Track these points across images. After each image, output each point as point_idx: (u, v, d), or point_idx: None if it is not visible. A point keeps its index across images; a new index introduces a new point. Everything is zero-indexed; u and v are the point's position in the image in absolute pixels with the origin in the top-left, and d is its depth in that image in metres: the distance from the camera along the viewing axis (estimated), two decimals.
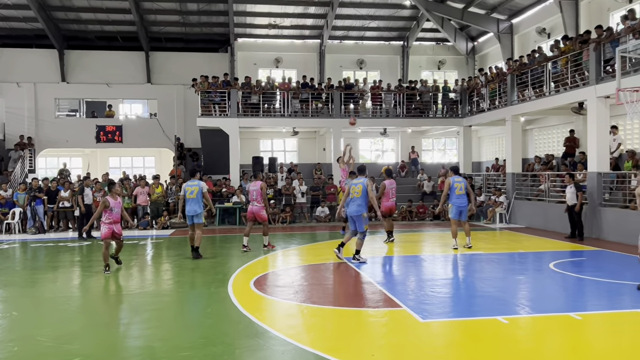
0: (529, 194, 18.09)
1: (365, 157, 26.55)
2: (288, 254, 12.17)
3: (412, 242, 14.11)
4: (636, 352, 5.24)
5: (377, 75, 26.05)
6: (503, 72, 19.97)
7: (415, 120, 22.72)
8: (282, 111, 21.42)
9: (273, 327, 6.12)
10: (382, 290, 7.93)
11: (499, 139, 23.70)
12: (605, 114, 14.13)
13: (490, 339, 5.69)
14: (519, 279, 9.07)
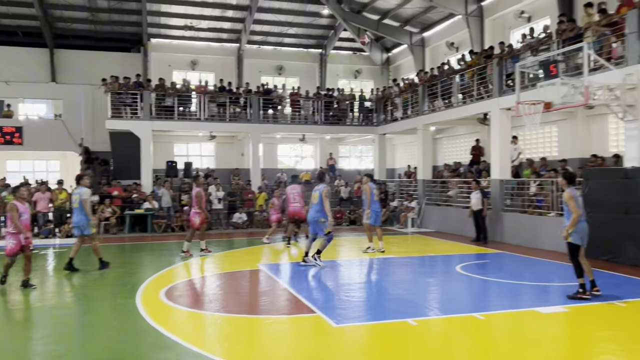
0: (439, 199, 18.94)
1: (284, 162, 26.56)
2: (203, 261, 11.85)
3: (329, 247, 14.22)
4: (533, 348, 5.61)
5: (296, 81, 26.20)
6: (415, 83, 20.81)
7: (333, 127, 23.08)
8: (198, 115, 20.90)
9: (184, 338, 5.91)
10: (297, 297, 7.92)
11: (411, 147, 24.63)
12: (507, 124, 15.12)
13: (400, 341, 5.85)
14: (428, 282, 9.43)
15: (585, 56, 10.33)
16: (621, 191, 10.64)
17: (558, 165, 14.17)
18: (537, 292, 8.50)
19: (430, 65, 22.30)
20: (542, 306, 7.22)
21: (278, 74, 26.35)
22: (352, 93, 24.18)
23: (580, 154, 15.04)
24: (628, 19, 10.83)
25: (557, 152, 16.21)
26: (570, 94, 10.38)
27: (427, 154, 19.65)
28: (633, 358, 5.28)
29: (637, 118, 10.70)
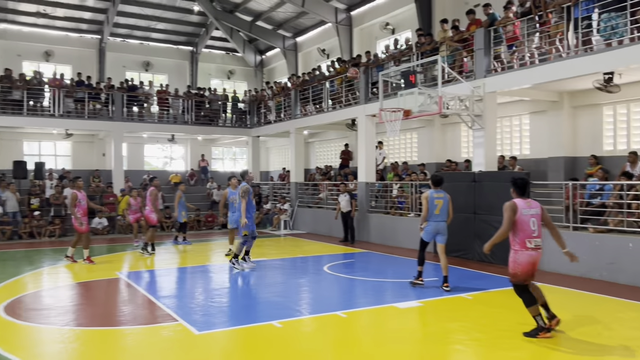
0: (310, 201, 19.32)
1: (151, 164, 25.29)
2: (55, 271, 10.79)
3: (199, 252, 13.81)
4: (390, 341, 5.87)
5: (165, 79, 25.14)
6: (287, 86, 21.03)
7: (205, 128, 22.47)
8: (52, 110, 19.05)
9: (24, 357, 5.27)
10: (159, 305, 7.51)
11: (285, 150, 24.87)
12: (372, 130, 15.87)
13: (264, 345, 5.79)
14: (297, 283, 9.52)
15: (440, 68, 11.19)
16: (470, 193, 11.67)
17: (418, 169, 15.20)
18: (396, 289, 8.98)
19: (303, 70, 22.72)
20: (400, 302, 7.62)
21: (145, 70, 25.08)
22: (224, 93, 23.76)
23: (437, 159, 16.29)
24: (476, 37, 11.95)
25: (417, 157, 17.40)
26: (427, 103, 11.16)
27: (300, 157, 19.95)
28: (479, 346, 5.76)
29: (483, 127, 11.83)
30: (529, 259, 5.79)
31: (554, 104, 12.90)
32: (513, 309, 7.41)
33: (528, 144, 14.13)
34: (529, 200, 6.04)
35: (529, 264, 5.78)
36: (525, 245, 5.78)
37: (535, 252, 5.81)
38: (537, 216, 5.90)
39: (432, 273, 10.41)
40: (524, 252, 5.79)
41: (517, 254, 5.82)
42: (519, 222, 5.79)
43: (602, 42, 9.85)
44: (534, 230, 5.81)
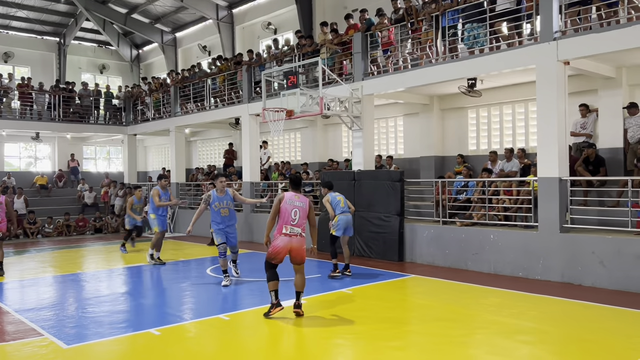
0: (193, 203, 18.74)
1: (12, 164, 22.90)
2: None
3: (69, 260, 12.76)
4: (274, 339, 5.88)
5: (28, 71, 22.93)
6: (167, 83, 20.23)
7: (75, 126, 20.83)
8: None
9: None
10: (21, 319, 6.83)
11: (165, 149, 23.88)
12: (256, 130, 15.82)
13: (142, 354, 5.50)
14: (178, 287, 9.17)
15: (320, 70, 11.46)
16: (351, 191, 12.09)
17: (301, 169, 15.42)
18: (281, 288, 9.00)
19: (183, 66, 22.01)
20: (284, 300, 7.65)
21: (4, 61, 22.65)
22: (97, 89, 22.22)
23: (319, 158, 16.68)
24: (354, 40, 12.41)
25: (300, 157, 17.66)
26: (309, 104, 11.37)
27: (181, 157, 19.29)
28: (357, 339, 5.97)
29: (362, 128, 12.32)
30: (283, 242, 6.64)
31: (425, 107, 13.82)
32: (389, 302, 7.82)
33: (402, 144, 14.99)
34: (299, 194, 6.91)
35: (282, 247, 6.63)
36: (282, 230, 6.65)
37: (288, 238, 6.64)
38: (301, 209, 6.75)
39: (315, 270, 10.64)
40: (280, 236, 6.65)
41: (275, 237, 6.73)
42: (282, 210, 6.68)
43: (466, 50, 10.75)
44: (293, 219, 6.67)
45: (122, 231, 18.62)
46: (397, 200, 11.19)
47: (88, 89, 21.78)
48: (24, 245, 15.46)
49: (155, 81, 21.29)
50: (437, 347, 5.56)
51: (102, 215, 19.52)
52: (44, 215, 18.21)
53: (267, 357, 5.46)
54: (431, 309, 7.24)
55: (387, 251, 11.27)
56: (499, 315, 6.79)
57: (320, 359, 5.33)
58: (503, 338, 5.84)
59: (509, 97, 12.44)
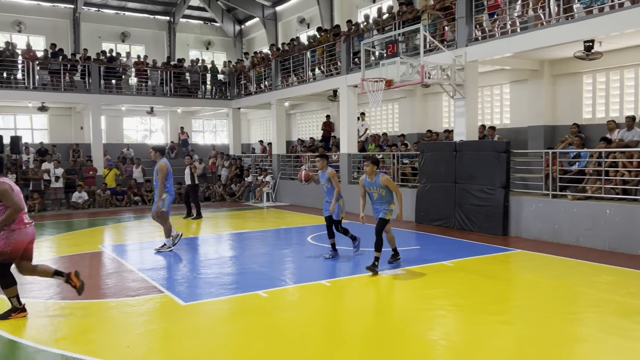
0: (293, 174, 19.30)
1: (130, 137, 24.91)
2: (36, 246, 10.64)
3: (183, 225, 13.76)
4: (373, 308, 5.99)
5: (142, 50, 24.58)
6: (268, 57, 20.74)
7: (184, 100, 22.12)
8: (25, 83, 18.54)
9: (9, 331, 5.25)
10: (145, 278, 7.52)
11: (266, 122, 24.68)
12: (354, 101, 15.81)
13: (250, 314, 5.85)
14: (281, 254, 9.58)
15: (422, 37, 11.13)
16: (451, 163, 11.78)
17: (398, 140, 15.24)
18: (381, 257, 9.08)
19: (283, 40, 22.39)
20: (382, 270, 7.73)
21: (122, 40, 24.44)
22: (204, 65, 23.34)
23: (417, 129, 16.35)
24: (458, 5, 11.86)
25: (398, 128, 17.43)
26: (409, 73, 11.12)
27: (281, 129, 19.83)
28: (460, 312, 5.90)
29: (464, 97, 11.87)
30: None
31: (535, 73, 12.97)
32: (493, 276, 7.60)
33: (508, 113, 14.24)
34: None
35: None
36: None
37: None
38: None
39: (414, 242, 10.59)
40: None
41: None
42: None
43: (583, 9, 9.88)
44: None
45: (228, 200, 19.71)
46: (502, 172, 10.72)
47: (196, 65, 22.94)
48: (142, 211, 16.87)
49: (257, 55, 21.91)
50: (546, 322, 5.34)
51: (210, 184, 20.72)
52: None
53: (368, 323, 5.57)
54: (538, 284, 6.94)
55: (490, 225, 10.90)
56: (614, 294, 6.36)
57: (423, 329, 5.34)
58: (619, 318, 5.47)
59: (631, 60, 11.30)
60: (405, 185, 13.82)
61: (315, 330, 5.34)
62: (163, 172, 9.23)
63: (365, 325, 5.47)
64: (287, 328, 5.40)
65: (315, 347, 4.82)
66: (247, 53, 24.31)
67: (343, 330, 5.35)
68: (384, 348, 4.73)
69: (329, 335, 5.21)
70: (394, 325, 5.51)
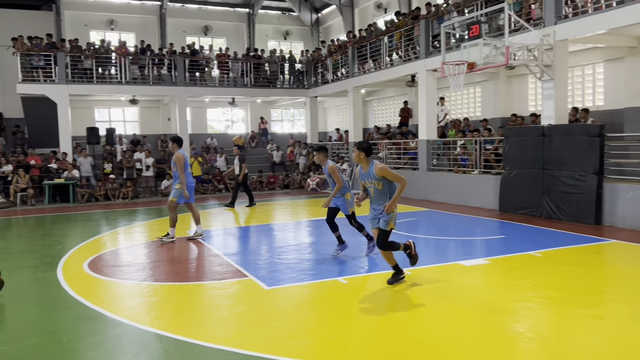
0: None
1: (213, 127, 25.91)
2: (130, 231, 11.43)
3: (263, 212, 14.17)
4: (457, 297, 5.86)
5: (224, 42, 25.37)
6: (345, 44, 20.69)
7: (263, 90, 22.64)
8: (119, 77, 19.78)
9: (109, 309, 5.68)
10: (229, 262, 7.83)
11: (342, 110, 24.72)
12: (434, 86, 15.42)
13: (331, 299, 5.93)
14: (359, 241, 9.57)
15: (506, 17, 10.61)
16: (538, 148, 11.20)
17: (480, 125, 14.71)
18: (461, 247, 8.87)
19: (360, 27, 22.23)
20: (465, 259, 7.54)
21: (204, 34, 25.36)
22: (282, 54, 23.72)
23: (501, 113, 15.68)
24: None
25: (480, 113, 16.81)
26: (492, 55, 10.67)
27: (358, 116, 19.78)
28: (549, 304, 5.64)
29: (553, 78, 11.21)
30: None
31: (633, 50, 11.99)
32: (585, 268, 7.18)
33: (602, 95, 13.29)
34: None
35: None
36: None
37: None
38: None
39: (498, 231, 10.23)
40: None
41: None
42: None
43: None
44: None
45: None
46: (595, 158, 10.05)
47: (274, 55, 23.37)
48: (225, 198, 17.50)
49: (333, 43, 21.93)
50: None
51: (288, 172, 21.13)
52: None
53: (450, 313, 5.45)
54: (635, 277, 6.47)
55: (581, 213, 10.28)
56: None
57: (509, 320, 5.16)
58: None
59: None
60: (489, 172, 13.35)
61: (397, 319, 5.31)
62: (180, 163, 9.39)
63: (448, 315, 5.37)
64: (368, 314, 5.42)
65: (399, 335, 4.79)
66: (324, 41, 24.41)
67: (425, 320, 5.28)
68: (468, 338, 4.63)
69: (412, 323, 5.16)
70: (479, 315, 5.35)
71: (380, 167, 6.07)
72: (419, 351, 4.42)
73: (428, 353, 4.39)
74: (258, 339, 4.72)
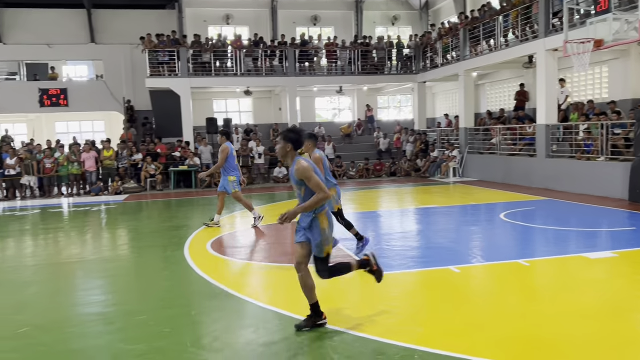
0: (481, 147, 18.51)
1: (321, 116, 26.41)
2: (246, 215, 12.09)
3: (370, 199, 14.27)
4: (579, 292, 5.52)
5: (332, 31, 25.66)
6: (456, 26, 19.99)
7: (370, 77, 22.61)
8: (234, 70, 20.85)
9: (230, 287, 6.10)
10: (340, 247, 8.00)
11: (452, 95, 23.98)
12: (554, 66, 14.42)
13: (443, 287, 5.86)
14: (470, 230, 9.34)
15: None
16: None
17: (607, 108, 13.52)
18: (585, 238, 8.29)
19: (471, 7, 21.32)
20: (589, 252, 7.05)
21: (313, 24, 25.79)
22: (389, 40, 23.48)
23: (632, 94, 14.29)
24: None
25: (606, 94, 15.43)
26: (623, 30, 9.75)
27: (469, 101, 19.09)
28: None
29: None
30: None
31: None
32: None
33: None
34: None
35: None
36: None
37: None
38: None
39: (627, 222, 9.42)
40: None
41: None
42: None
43: None
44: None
45: (413, 175, 19.78)
46: None
47: (382, 41, 23.22)
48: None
49: (443, 26, 21.29)
50: None
51: (395, 160, 20.99)
52: (347, 159, 20.61)
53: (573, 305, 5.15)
54: None
55: None
56: None
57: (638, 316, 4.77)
58: None
59: None
60: (616, 159, 12.26)
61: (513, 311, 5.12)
62: (223, 154, 9.65)
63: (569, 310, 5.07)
64: (483, 305, 5.28)
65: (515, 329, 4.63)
66: (434, 24, 23.76)
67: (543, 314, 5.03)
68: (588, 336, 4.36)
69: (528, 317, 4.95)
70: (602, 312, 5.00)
71: (299, 168, 4.48)
72: (535, 347, 4.23)
73: (545, 351, 4.19)
74: (370, 322, 4.81)
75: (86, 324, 5.13)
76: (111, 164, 17.84)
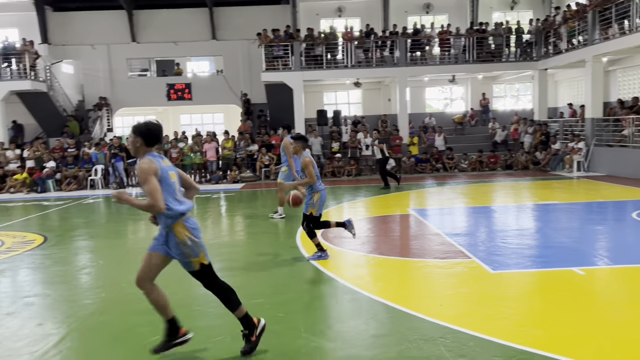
0: (611, 139, 16.96)
1: (432, 106, 25.80)
2: (354, 206, 12.22)
3: (482, 193, 13.73)
4: None
5: (445, 19, 24.86)
6: (584, 8, 18.41)
7: (486, 66, 21.58)
8: (345, 62, 21.01)
9: (341, 276, 6.23)
10: (451, 242, 7.81)
11: (577, 82, 22.18)
12: None
13: (564, 290, 5.49)
14: (597, 229, 8.63)
15: None
16: None
17: None
18: None
19: None
20: None
21: (426, 12, 25.15)
22: (507, 26, 22.23)
23: None
24: None
25: None
26: None
27: (597, 89, 17.54)
28: None
29: None
30: None
31: None
32: None
33: None
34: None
35: None
36: None
37: None
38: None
39: None
40: None
41: None
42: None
43: None
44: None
45: (532, 168, 18.65)
46: None
47: (499, 28, 22.06)
48: (443, 178, 17.43)
49: (570, 9, 19.71)
50: None
51: (512, 152, 19.94)
52: (459, 151, 19.94)
53: None
54: None
55: None
56: None
57: None
58: None
59: None
60: None
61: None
62: (288, 149, 9.95)
63: None
64: (610, 312, 4.88)
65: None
66: (558, 7, 22.06)
67: None
68: None
69: None
70: None
71: (140, 168, 3.98)
72: None
73: None
74: (484, 322, 4.66)
75: (210, 303, 5.51)
76: (230, 154, 18.92)
